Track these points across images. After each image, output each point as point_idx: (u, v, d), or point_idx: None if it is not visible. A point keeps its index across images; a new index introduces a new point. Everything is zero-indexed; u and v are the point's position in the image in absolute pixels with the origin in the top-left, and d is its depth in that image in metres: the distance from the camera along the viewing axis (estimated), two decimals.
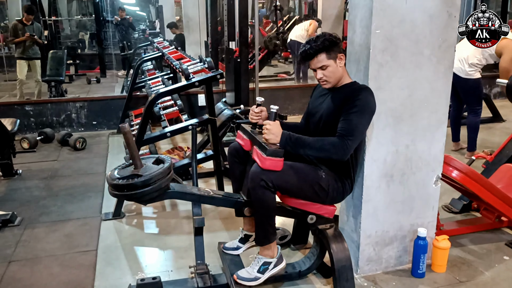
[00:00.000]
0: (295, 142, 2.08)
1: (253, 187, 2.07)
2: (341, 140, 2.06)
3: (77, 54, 10.63)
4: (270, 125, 2.08)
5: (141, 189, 1.97)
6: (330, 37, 2.15)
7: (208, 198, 2.28)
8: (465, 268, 2.58)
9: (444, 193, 3.05)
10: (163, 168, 2.04)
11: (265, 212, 2.12)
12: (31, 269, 2.63)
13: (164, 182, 2.04)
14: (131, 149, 2.03)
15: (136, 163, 2.05)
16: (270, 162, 2.02)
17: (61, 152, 4.94)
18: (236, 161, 2.40)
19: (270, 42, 8.01)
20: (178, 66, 3.71)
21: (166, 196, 2.16)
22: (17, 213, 3.30)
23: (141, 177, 1.98)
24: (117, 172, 2.07)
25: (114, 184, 2.00)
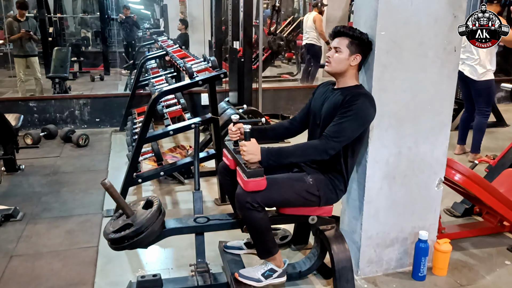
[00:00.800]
0: (276, 155, 2.07)
1: (240, 209, 2.08)
2: (322, 141, 2.08)
3: (81, 52, 10.64)
4: (246, 146, 2.03)
5: (135, 238, 2.01)
6: (365, 36, 2.18)
7: (205, 227, 2.31)
8: (466, 272, 2.58)
9: (446, 197, 3.05)
10: (151, 212, 2.06)
11: (258, 230, 2.13)
12: (33, 264, 2.64)
13: (157, 225, 2.08)
14: (117, 201, 2.04)
15: (126, 212, 2.07)
16: (253, 184, 2.01)
17: (63, 149, 4.95)
18: (227, 178, 2.40)
19: (274, 43, 8.00)
20: (182, 65, 3.72)
21: (164, 235, 2.20)
22: (19, 208, 3.31)
23: (132, 226, 2.01)
24: (111, 226, 2.09)
25: (110, 239, 2.04)
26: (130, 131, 4.55)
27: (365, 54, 2.21)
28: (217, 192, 3.63)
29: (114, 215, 2.19)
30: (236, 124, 2.26)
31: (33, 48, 6.85)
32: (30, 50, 6.80)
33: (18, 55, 6.73)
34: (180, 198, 3.65)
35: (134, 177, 3.32)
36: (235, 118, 2.26)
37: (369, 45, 2.21)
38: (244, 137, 2.08)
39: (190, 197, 3.48)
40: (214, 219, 2.35)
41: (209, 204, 3.48)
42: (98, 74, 9.28)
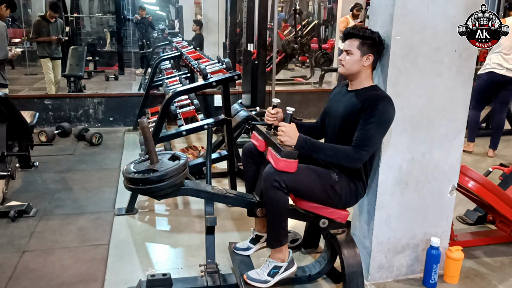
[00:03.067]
0: (311, 147, 2.09)
1: (266, 187, 2.07)
2: (355, 150, 2.07)
3: (97, 51, 10.75)
4: (285, 127, 2.08)
5: (156, 184, 1.99)
6: (375, 35, 2.16)
7: (221, 197, 2.29)
8: (478, 281, 2.55)
9: (459, 204, 3.01)
10: (178, 164, 2.06)
11: (277, 213, 2.11)
12: (44, 260, 2.67)
13: (179, 178, 2.06)
14: (148, 144, 2.05)
15: (152, 158, 2.07)
16: (284, 163, 2.02)
17: (77, 147, 5.01)
18: (249, 161, 2.41)
19: (288, 46, 8.01)
20: (196, 66, 3.74)
21: (180, 192, 2.18)
22: (32, 204, 3.36)
23: (157, 172, 2.00)
24: (133, 166, 2.09)
25: (129, 177, 2.02)
26: None
27: (378, 53, 2.19)
28: None
29: (137, 159, 2.19)
30: (275, 107, 2.29)
31: (59, 50, 6.77)
32: (56, 52, 6.72)
33: (44, 56, 6.60)
34: (191, 199, 3.66)
35: None
36: (276, 101, 2.30)
37: (381, 44, 2.19)
38: (284, 118, 2.15)
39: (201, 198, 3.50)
40: (231, 193, 2.33)
41: (219, 205, 3.49)
42: (113, 74, 9.37)
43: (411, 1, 2.18)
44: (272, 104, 2.31)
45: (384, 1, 2.25)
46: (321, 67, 8.40)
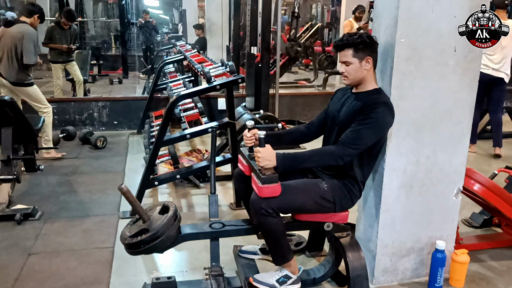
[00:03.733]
0: (292, 161, 2.07)
1: (255, 215, 2.09)
2: (339, 148, 2.07)
3: (101, 55, 10.80)
4: (260, 152, 2.03)
5: (152, 243, 2.03)
6: (364, 37, 2.13)
7: (220, 233, 2.32)
8: (484, 284, 2.53)
9: (464, 207, 3.00)
10: (167, 218, 2.08)
11: (273, 236, 2.13)
12: (50, 262, 2.68)
13: (172, 230, 2.10)
14: (134, 207, 2.07)
15: (143, 217, 2.09)
16: (267, 190, 2.01)
17: (82, 150, 5.03)
18: (242, 185, 2.40)
19: (291, 49, 8.01)
20: (200, 69, 3.75)
21: (180, 241, 2.22)
22: (38, 207, 3.37)
23: (148, 231, 2.03)
24: (127, 230, 2.11)
25: (127, 244, 2.06)
26: (147, 134, 4.60)
27: (374, 51, 2.17)
28: (232, 196, 3.63)
29: (131, 219, 2.21)
30: (251, 130, 2.26)
31: (71, 54, 6.65)
32: (71, 56, 6.62)
33: (57, 61, 6.49)
34: (196, 202, 3.67)
35: (150, 180, 3.36)
36: (250, 124, 2.26)
37: (373, 41, 2.17)
38: (258, 143, 2.09)
39: (205, 201, 3.51)
40: (229, 225, 2.35)
41: (224, 208, 3.49)
42: (117, 77, 9.40)
43: (415, 4, 2.18)
44: (247, 127, 2.27)
45: (388, 4, 2.26)
46: (325, 70, 8.39)
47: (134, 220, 2.18)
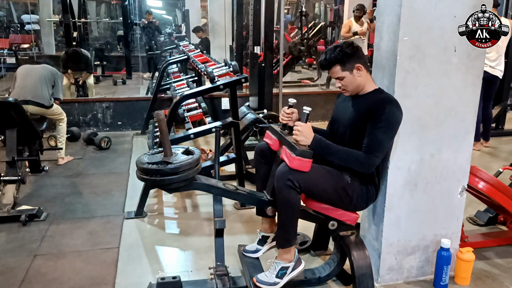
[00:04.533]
0: (325, 148, 2.10)
1: (279, 186, 2.07)
2: (366, 156, 2.08)
3: (104, 56, 10.83)
4: (302, 127, 2.09)
5: (169, 176, 2.01)
6: (345, 49, 2.14)
7: (232, 193, 2.30)
8: (489, 282, 2.52)
9: (469, 205, 2.99)
10: (192, 159, 2.09)
11: (289, 212, 2.11)
12: (55, 264, 2.69)
13: (192, 173, 2.09)
14: (163, 136, 2.07)
15: (166, 151, 2.08)
16: (298, 162, 2.03)
17: (86, 151, 5.04)
18: (261, 161, 2.41)
19: (294, 48, 8.00)
20: (203, 69, 3.75)
21: (192, 186, 2.20)
22: (43, 208, 3.38)
23: (170, 164, 2.01)
24: (146, 157, 2.11)
25: (143, 168, 2.04)
26: (151, 134, 4.61)
27: (360, 57, 2.18)
28: None
29: (151, 151, 2.20)
30: (290, 107, 2.29)
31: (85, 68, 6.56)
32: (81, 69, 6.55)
33: None
34: (200, 201, 3.68)
35: None
36: (292, 101, 2.31)
37: (354, 48, 2.16)
38: (301, 118, 2.16)
39: (209, 201, 3.51)
40: (242, 190, 2.33)
41: (228, 208, 3.50)
42: (121, 78, 9.42)
43: (418, 1, 2.18)
44: (288, 104, 2.31)
45: (391, 2, 2.25)
46: None
47: (155, 152, 2.18)
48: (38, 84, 4.22)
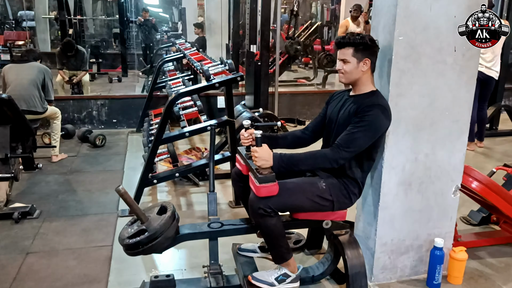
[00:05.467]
0: (288, 162, 2.07)
1: (253, 215, 2.09)
2: (333, 150, 2.08)
3: (100, 53, 10.79)
4: (257, 152, 2.04)
5: (150, 244, 2.02)
6: (366, 39, 2.14)
7: (219, 232, 2.31)
8: (482, 281, 2.53)
9: (462, 205, 3.00)
10: (165, 218, 2.07)
11: (272, 236, 2.14)
12: (48, 261, 2.68)
13: (170, 231, 2.09)
14: (131, 208, 2.06)
15: (141, 219, 2.08)
16: (264, 189, 2.01)
17: (81, 148, 5.02)
18: (240, 185, 2.40)
19: (291, 47, 8.01)
20: (199, 67, 3.75)
21: (178, 241, 2.21)
22: (36, 206, 3.37)
23: (147, 232, 2.02)
24: (126, 232, 2.11)
25: (125, 245, 2.06)
26: (146, 132, 4.60)
27: (373, 55, 2.18)
28: (231, 194, 3.64)
29: (130, 220, 2.21)
30: (248, 130, 2.26)
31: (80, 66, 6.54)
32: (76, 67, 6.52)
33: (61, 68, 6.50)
34: (195, 200, 3.67)
35: (149, 178, 3.36)
36: (246, 124, 2.27)
37: (375, 45, 2.18)
38: (255, 143, 2.09)
39: (204, 199, 3.51)
40: (228, 224, 2.35)
41: (223, 206, 3.49)
42: (116, 76, 9.39)
43: (413, 1, 2.18)
44: (244, 126, 2.27)
45: (387, 2, 2.25)
46: (324, 68, 8.39)
47: (133, 220, 2.18)
48: (30, 92, 4.17)
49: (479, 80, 4.63)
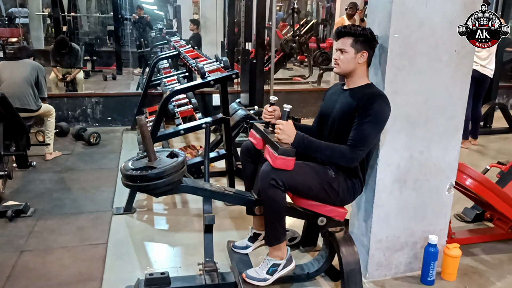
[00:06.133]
0: (308, 145, 2.09)
1: (264, 186, 2.07)
2: (351, 150, 2.08)
3: (95, 51, 10.73)
4: (283, 125, 2.08)
5: (154, 181, 2.00)
6: (367, 31, 2.15)
7: (219, 194, 2.30)
8: (476, 278, 2.55)
9: (456, 202, 3.02)
10: (176, 162, 2.06)
11: (275, 211, 2.11)
12: (43, 259, 2.67)
13: (177, 176, 2.07)
14: (146, 142, 2.05)
15: (150, 155, 2.07)
16: (281, 161, 2.02)
17: (75, 146, 5.00)
18: (248, 160, 2.41)
19: (286, 45, 8.00)
20: (194, 65, 3.74)
21: (179, 190, 2.18)
22: (30, 204, 3.35)
23: (155, 169, 2.00)
24: (131, 163, 2.09)
25: (127, 175, 2.03)
26: None
27: (371, 48, 2.19)
28: None
29: (135, 156, 2.19)
30: (272, 105, 2.29)
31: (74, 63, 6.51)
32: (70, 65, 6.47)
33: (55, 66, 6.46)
34: (190, 198, 3.66)
35: None
36: (273, 99, 2.30)
37: (374, 39, 2.18)
38: (282, 116, 2.14)
39: (199, 197, 3.50)
40: (229, 191, 2.33)
41: (218, 203, 3.49)
42: (111, 73, 9.35)
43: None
44: (270, 101, 2.30)
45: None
46: (320, 66, 8.39)
47: (139, 157, 2.16)
48: (23, 89, 4.15)
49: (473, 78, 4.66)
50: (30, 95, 4.19)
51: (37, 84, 4.28)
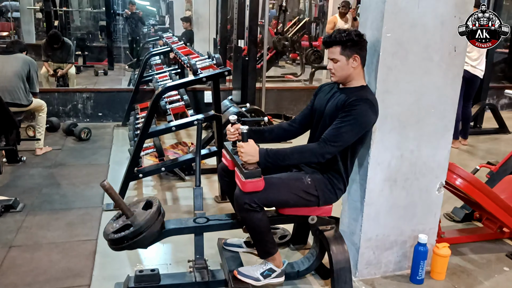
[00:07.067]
0: (274, 157, 2.06)
1: (239, 210, 2.09)
2: (320, 145, 2.08)
3: (86, 46, 10.64)
4: (243, 148, 2.04)
5: (135, 239, 2.01)
6: (352, 35, 2.12)
7: (205, 227, 2.31)
8: (464, 277, 2.57)
9: (446, 201, 3.04)
10: (150, 213, 2.06)
11: (257, 231, 2.14)
12: (32, 255, 2.65)
13: (156, 226, 2.08)
14: (117, 203, 2.05)
15: (126, 213, 2.07)
16: (250, 185, 2.01)
17: (65, 142, 4.96)
18: (226, 180, 2.40)
19: (279, 43, 8.00)
20: (186, 61, 3.72)
21: (163, 236, 2.21)
22: (19, 199, 3.32)
23: (131, 227, 2.01)
24: (111, 226, 2.09)
25: (110, 239, 2.04)
26: (132, 126, 4.56)
27: (362, 49, 2.16)
28: (217, 189, 3.63)
29: (115, 215, 2.19)
30: (234, 125, 2.26)
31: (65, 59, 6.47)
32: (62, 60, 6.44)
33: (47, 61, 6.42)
34: (181, 195, 3.65)
35: (135, 172, 3.33)
36: (233, 118, 2.26)
37: (362, 39, 2.16)
38: (241, 138, 2.08)
39: (190, 194, 3.50)
40: (213, 219, 2.35)
41: (209, 201, 3.49)
42: (102, 69, 9.28)
43: None
44: (230, 121, 2.27)
45: None
46: (312, 64, 8.40)
47: (118, 215, 2.16)
48: (14, 84, 4.10)
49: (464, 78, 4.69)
50: (21, 89, 4.14)
51: (29, 79, 4.23)
